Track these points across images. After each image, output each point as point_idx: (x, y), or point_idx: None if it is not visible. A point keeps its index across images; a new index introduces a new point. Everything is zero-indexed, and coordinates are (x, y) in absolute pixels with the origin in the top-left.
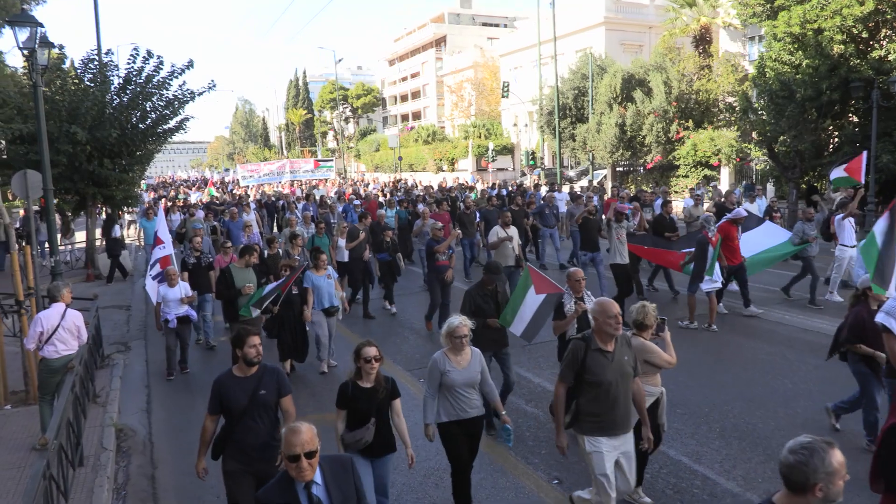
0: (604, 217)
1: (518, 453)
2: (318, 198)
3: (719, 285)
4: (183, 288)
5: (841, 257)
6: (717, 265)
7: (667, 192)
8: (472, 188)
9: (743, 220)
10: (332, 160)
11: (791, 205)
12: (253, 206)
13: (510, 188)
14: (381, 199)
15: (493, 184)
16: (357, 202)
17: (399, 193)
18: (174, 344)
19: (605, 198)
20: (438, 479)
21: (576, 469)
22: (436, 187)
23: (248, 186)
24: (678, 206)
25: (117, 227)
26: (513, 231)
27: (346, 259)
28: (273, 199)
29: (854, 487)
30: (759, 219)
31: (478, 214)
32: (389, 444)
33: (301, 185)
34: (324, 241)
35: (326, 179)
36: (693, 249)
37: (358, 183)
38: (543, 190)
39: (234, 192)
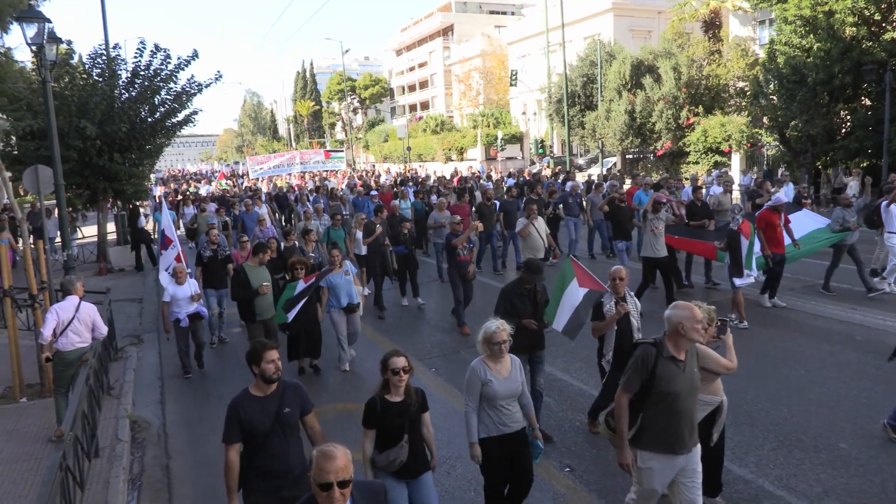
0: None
1: None
2: (328, 189)
3: (753, 280)
4: (192, 286)
5: (892, 245)
6: (753, 258)
7: (696, 178)
8: (488, 178)
9: (783, 207)
10: (342, 150)
11: (803, 190)
12: (263, 198)
13: (526, 177)
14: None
15: (510, 173)
16: (373, 192)
17: (410, 184)
18: (186, 345)
19: (626, 187)
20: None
21: (586, 456)
22: (449, 177)
23: (258, 179)
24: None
25: (142, 217)
26: (540, 223)
27: (363, 252)
28: (284, 191)
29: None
30: (795, 206)
31: (497, 205)
32: (425, 462)
33: (313, 176)
34: (339, 233)
35: (338, 171)
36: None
37: (368, 174)
38: (568, 181)
39: (244, 184)
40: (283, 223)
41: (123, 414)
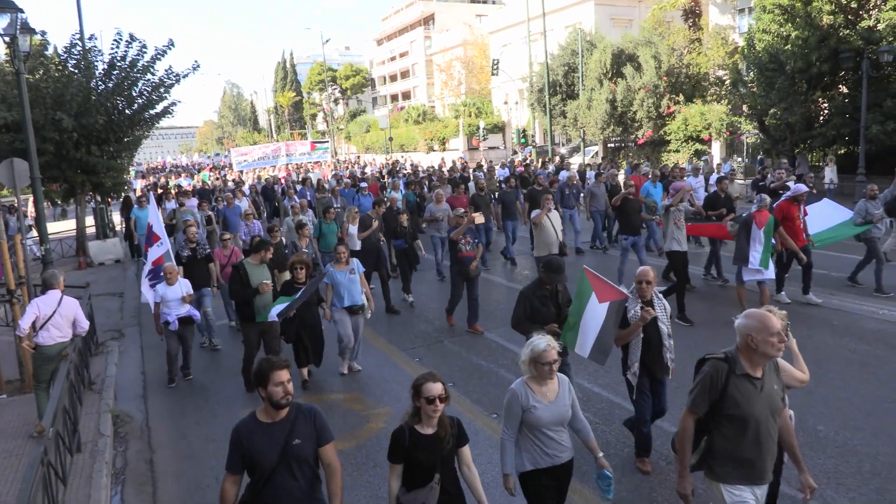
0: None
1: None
2: (314, 181)
3: (763, 276)
4: (183, 286)
5: None
6: (770, 254)
7: (718, 166)
8: (479, 167)
9: (804, 197)
10: (328, 142)
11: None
12: (247, 191)
13: (518, 168)
14: (381, 181)
15: (502, 163)
16: (363, 185)
17: (400, 175)
18: (176, 348)
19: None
20: None
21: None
22: (437, 167)
23: (241, 171)
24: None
25: (136, 207)
26: (555, 216)
27: (357, 247)
28: (271, 183)
29: None
30: (816, 196)
31: (492, 197)
32: None
33: (297, 167)
34: (332, 227)
35: (322, 163)
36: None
37: (354, 164)
38: (561, 170)
39: (227, 176)
40: (270, 218)
41: (105, 408)
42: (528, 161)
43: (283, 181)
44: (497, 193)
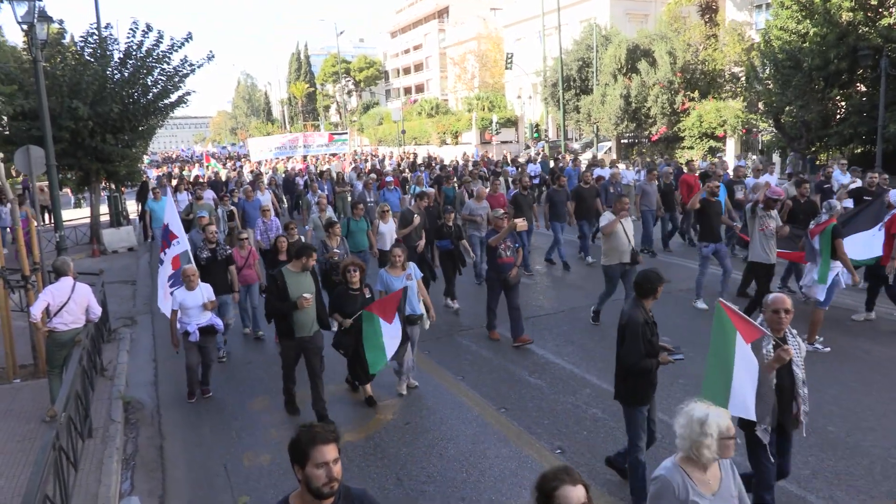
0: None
1: (521, 423)
2: (334, 174)
3: (819, 292)
4: (205, 291)
5: None
6: (831, 266)
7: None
8: (512, 162)
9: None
10: (346, 133)
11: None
12: (266, 185)
13: (562, 162)
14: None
15: (530, 157)
16: (388, 179)
17: (422, 168)
18: (196, 361)
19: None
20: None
21: (577, 438)
22: (462, 161)
23: (259, 162)
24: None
25: (151, 199)
26: (628, 221)
27: (387, 246)
28: (293, 175)
29: None
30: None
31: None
32: None
33: (315, 160)
34: (361, 225)
35: (342, 155)
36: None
37: (371, 157)
38: (594, 167)
39: (242, 168)
40: (291, 213)
41: (117, 395)
42: (557, 157)
43: (303, 172)
44: (545, 192)
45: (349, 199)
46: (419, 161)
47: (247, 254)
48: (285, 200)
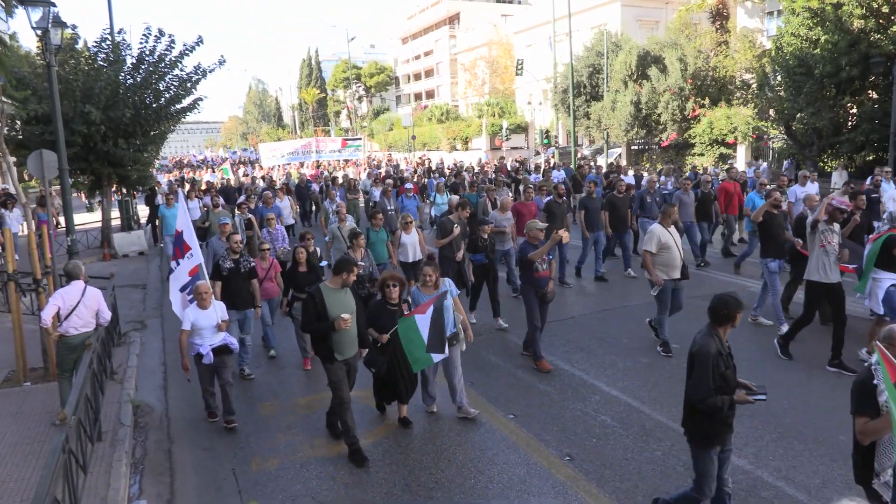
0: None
1: (530, 430)
2: (346, 180)
3: (869, 305)
4: (218, 310)
5: None
6: (882, 276)
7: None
8: (536, 169)
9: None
10: (360, 139)
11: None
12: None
13: (595, 169)
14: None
15: (554, 163)
16: (408, 186)
17: (436, 175)
18: (211, 384)
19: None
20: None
21: (586, 445)
22: (477, 167)
23: (271, 168)
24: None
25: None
26: (675, 233)
27: (409, 259)
28: (305, 181)
29: None
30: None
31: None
32: None
33: (328, 166)
34: (381, 235)
35: (356, 160)
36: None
37: (387, 163)
38: (625, 174)
39: (255, 173)
40: (304, 222)
41: (126, 398)
42: (581, 163)
43: (312, 178)
44: (579, 199)
45: (360, 205)
46: (434, 167)
47: (268, 265)
48: (297, 207)
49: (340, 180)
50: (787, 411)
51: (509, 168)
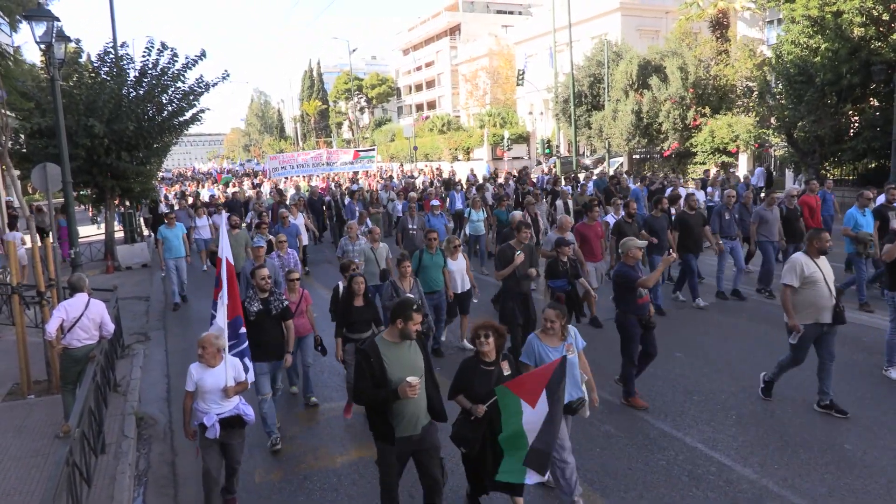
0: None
1: None
2: (370, 193)
3: None
4: (231, 368)
5: None
6: None
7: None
8: (570, 179)
9: None
10: (373, 150)
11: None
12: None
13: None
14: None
15: (645, 176)
16: (434, 203)
17: (459, 187)
18: (217, 465)
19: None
20: None
21: (590, 455)
22: (490, 176)
23: (280, 180)
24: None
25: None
26: (824, 262)
27: (458, 289)
28: (318, 195)
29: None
30: None
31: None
32: None
33: (336, 178)
34: (437, 260)
35: (368, 171)
36: None
37: (400, 175)
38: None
39: (261, 186)
40: (314, 239)
41: (130, 411)
42: (616, 173)
43: (324, 191)
44: (642, 219)
45: (381, 220)
46: (456, 179)
47: (298, 298)
48: (314, 225)
49: (359, 194)
50: (792, 419)
51: (535, 179)
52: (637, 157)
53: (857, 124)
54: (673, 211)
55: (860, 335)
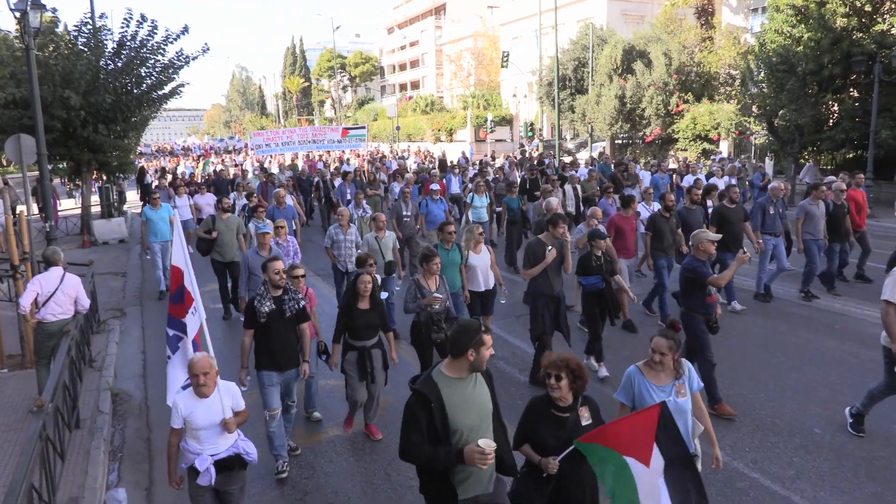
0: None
1: (511, 421)
2: (371, 175)
3: None
4: (226, 396)
5: None
6: None
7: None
8: (574, 163)
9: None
10: (364, 128)
11: (790, 180)
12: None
13: (681, 169)
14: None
15: (626, 162)
16: (434, 188)
17: (457, 171)
18: None
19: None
20: None
21: None
22: (488, 159)
23: (263, 157)
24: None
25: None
26: None
27: (480, 287)
28: (306, 174)
29: None
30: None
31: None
32: None
33: (321, 157)
34: (454, 257)
35: (357, 151)
36: None
37: (393, 155)
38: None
39: (244, 164)
40: (304, 222)
41: (105, 386)
42: (624, 160)
43: (311, 171)
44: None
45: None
46: (448, 161)
47: (304, 295)
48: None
49: (358, 174)
50: (764, 404)
51: (536, 162)
52: (619, 142)
53: (836, 114)
54: (710, 203)
55: (832, 322)
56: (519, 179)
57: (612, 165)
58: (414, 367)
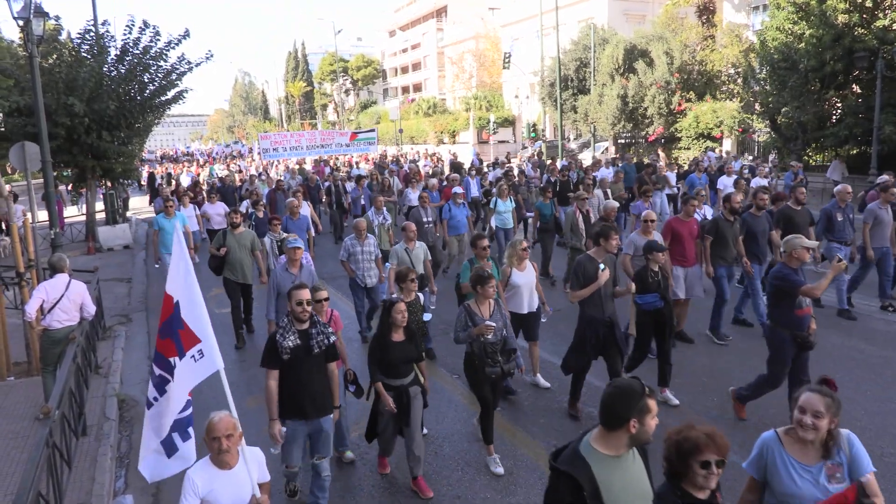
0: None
1: (517, 422)
2: (382, 180)
3: None
4: (255, 463)
5: None
6: None
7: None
8: (596, 162)
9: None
10: (374, 131)
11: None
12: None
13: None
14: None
15: (614, 158)
16: (457, 191)
17: (473, 173)
18: None
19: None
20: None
21: (573, 436)
22: (502, 159)
23: (271, 162)
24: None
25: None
26: None
27: (523, 309)
28: (314, 180)
29: None
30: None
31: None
32: None
33: (331, 161)
34: (492, 273)
35: (367, 155)
36: None
37: (400, 157)
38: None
39: (251, 169)
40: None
41: (111, 392)
42: (651, 160)
43: (320, 176)
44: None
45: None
46: (469, 165)
47: (327, 320)
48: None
49: (373, 179)
50: (770, 400)
51: (559, 165)
52: (622, 141)
53: (839, 111)
54: (710, 212)
55: (838, 319)
56: (543, 182)
57: (636, 167)
58: (452, 392)
